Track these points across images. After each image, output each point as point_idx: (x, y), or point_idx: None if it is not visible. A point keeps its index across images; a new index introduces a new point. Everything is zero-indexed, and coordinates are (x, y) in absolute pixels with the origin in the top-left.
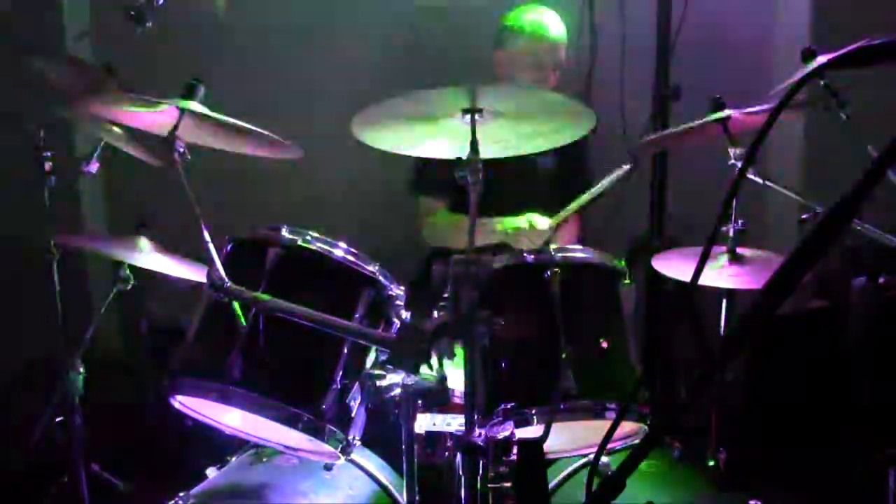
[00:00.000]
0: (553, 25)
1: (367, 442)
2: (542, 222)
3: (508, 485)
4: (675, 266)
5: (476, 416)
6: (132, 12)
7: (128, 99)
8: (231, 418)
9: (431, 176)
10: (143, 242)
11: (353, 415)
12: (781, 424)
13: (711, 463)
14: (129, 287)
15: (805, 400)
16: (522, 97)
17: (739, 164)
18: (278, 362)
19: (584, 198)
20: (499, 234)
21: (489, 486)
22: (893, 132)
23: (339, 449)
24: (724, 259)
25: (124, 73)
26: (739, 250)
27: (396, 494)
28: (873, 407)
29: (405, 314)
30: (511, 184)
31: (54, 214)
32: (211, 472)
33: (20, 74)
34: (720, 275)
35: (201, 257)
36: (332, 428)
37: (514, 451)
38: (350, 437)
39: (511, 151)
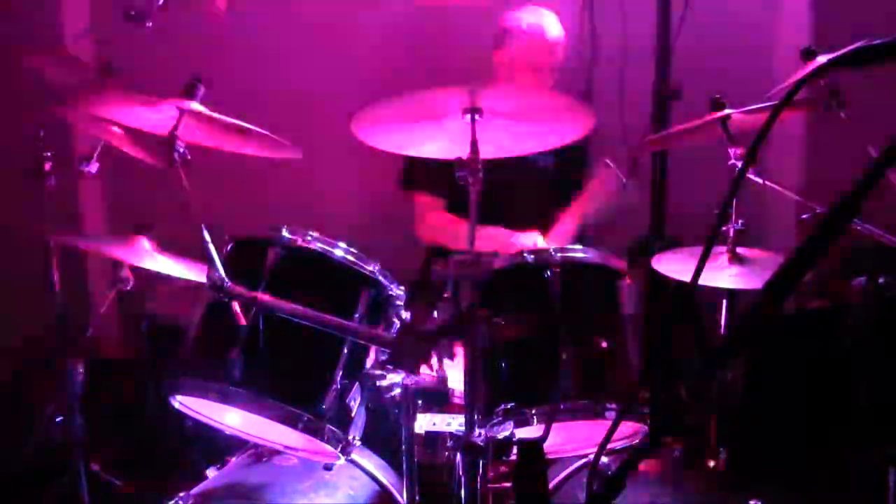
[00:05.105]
0: (551, 27)
1: (367, 442)
2: (542, 243)
3: (508, 485)
4: (675, 266)
5: (476, 416)
6: (132, 12)
7: (128, 99)
8: (231, 418)
9: (426, 173)
10: (143, 242)
11: (353, 415)
12: (781, 424)
13: (711, 463)
14: (129, 287)
15: (805, 400)
16: (522, 97)
17: (739, 164)
18: (278, 362)
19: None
20: (499, 245)
21: (489, 486)
22: (893, 132)
23: (339, 449)
24: (724, 259)
25: (124, 73)
26: (739, 250)
27: (396, 494)
28: (873, 407)
29: (405, 314)
30: (510, 184)
31: (54, 214)
32: (211, 472)
33: (20, 74)
34: (720, 275)
35: (201, 257)
36: (332, 428)
37: (514, 451)
38: (350, 437)
39: (511, 151)
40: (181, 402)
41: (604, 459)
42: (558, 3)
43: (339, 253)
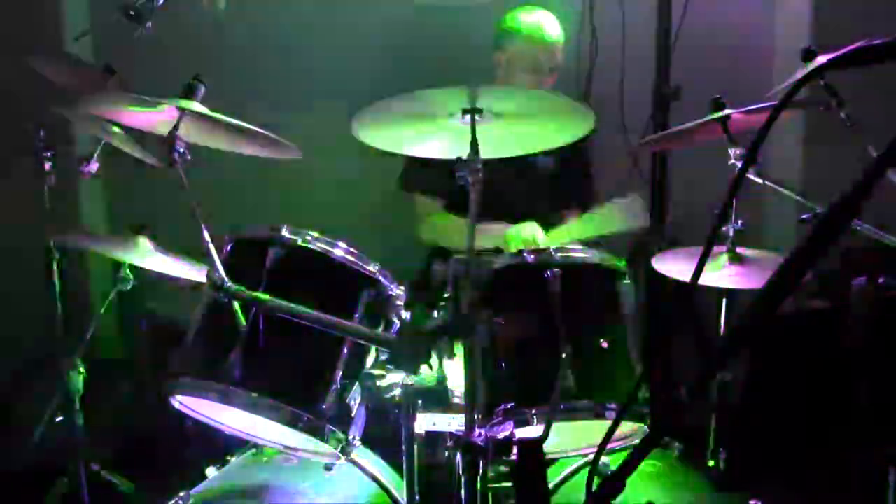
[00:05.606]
0: (550, 27)
1: (367, 442)
2: (542, 239)
3: (508, 485)
4: (675, 266)
5: (476, 416)
6: (132, 12)
7: (128, 99)
8: (231, 418)
9: (426, 174)
10: (143, 242)
11: (353, 415)
12: (781, 424)
13: (711, 463)
14: (129, 287)
15: (805, 400)
16: (522, 97)
17: (739, 164)
18: (278, 362)
19: (589, 229)
20: (497, 239)
21: (489, 486)
22: (893, 132)
23: (339, 449)
24: (724, 259)
25: (124, 73)
26: (739, 250)
27: (396, 494)
28: (873, 407)
29: (405, 314)
30: (510, 184)
31: (54, 214)
32: (211, 472)
33: (20, 74)
34: (720, 275)
35: (201, 257)
36: (332, 428)
37: (514, 451)
38: (350, 437)
39: (511, 151)
40: (181, 402)
41: (604, 459)
42: (558, 4)
43: (339, 253)
